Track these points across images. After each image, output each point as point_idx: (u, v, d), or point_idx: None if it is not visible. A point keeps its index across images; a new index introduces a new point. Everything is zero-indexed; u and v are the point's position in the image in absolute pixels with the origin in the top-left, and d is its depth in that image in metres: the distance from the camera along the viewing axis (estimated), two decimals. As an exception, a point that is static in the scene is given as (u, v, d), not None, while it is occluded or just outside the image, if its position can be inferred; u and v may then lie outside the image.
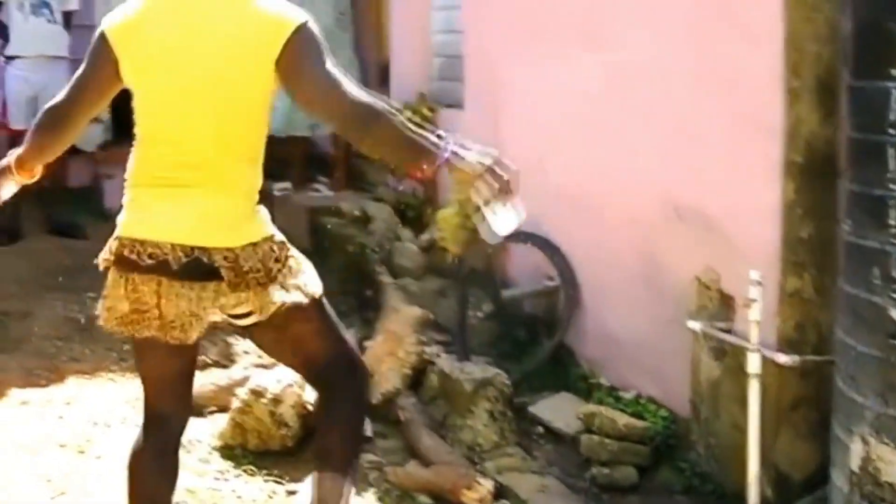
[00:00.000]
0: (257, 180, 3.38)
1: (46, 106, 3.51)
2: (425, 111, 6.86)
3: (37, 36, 8.49)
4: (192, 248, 3.17)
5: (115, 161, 9.85)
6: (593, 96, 5.13)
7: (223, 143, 3.25)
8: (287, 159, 8.78)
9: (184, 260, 3.16)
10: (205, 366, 5.71)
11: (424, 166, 3.13)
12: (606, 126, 5.04)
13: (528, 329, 5.68)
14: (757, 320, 3.83)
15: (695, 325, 4.25)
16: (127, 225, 3.26)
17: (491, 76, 6.05)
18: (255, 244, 3.26)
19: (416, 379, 5.23)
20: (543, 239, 5.47)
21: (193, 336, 3.20)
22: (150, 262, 3.17)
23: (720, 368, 4.25)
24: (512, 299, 5.73)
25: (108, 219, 9.12)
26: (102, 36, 3.32)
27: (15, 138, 8.50)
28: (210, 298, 3.21)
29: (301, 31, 3.22)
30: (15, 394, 5.44)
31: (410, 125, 3.19)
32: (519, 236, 5.69)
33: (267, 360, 5.45)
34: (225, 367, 5.64)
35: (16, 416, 5.22)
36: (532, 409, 5.06)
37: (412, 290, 6.14)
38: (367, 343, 5.55)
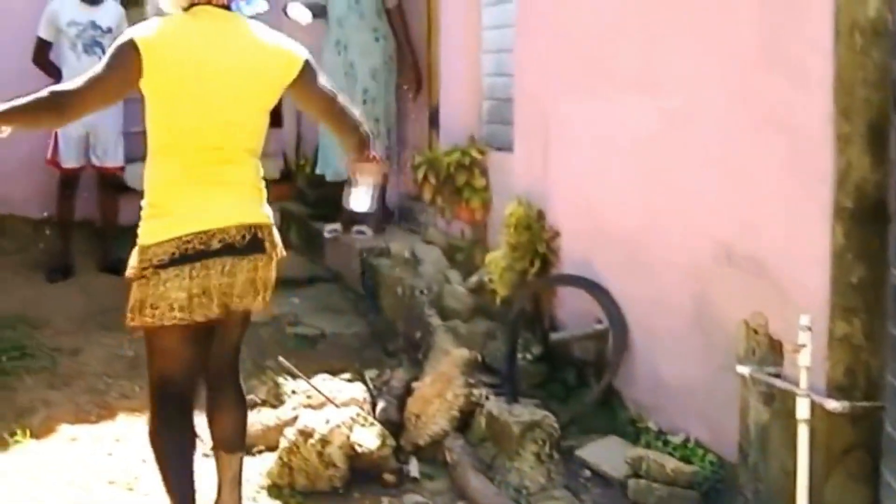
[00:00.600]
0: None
1: (58, 89, 3.91)
2: (475, 154, 6.90)
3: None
4: (250, 227, 3.96)
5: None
6: (644, 140, 5.15)
7: (249, 144, 4.07)
8: (337, 202, 8.84)
9: (247, 238, 3.94)
10: (253, 405, 5.75)
11: (367, 153, 4.36)
12: (657, 170, 5.06)
13: (576, 372, 5.68)
14: (807, 365, 3.83)
15: (744, 370, 4.25)
16: (184, 222, 3.85)
17: (541, 119, 6.07)
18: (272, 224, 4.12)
19: (465, 421, 5.24)
20: (592, 282, 5.47)
21: (256, 302, 4.06)
22: (219, 246, 3.86)
23: (769, 413, 4.24)
24: (561, 342, 5.73)
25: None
26: (134, 47, 3.82)
27: (67, 177, 8.63)
28: (256, 269, 4.01)
29: (308, 62, 4.21)
30: (65, 430, 5.50)
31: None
32: (568, 279, 5.72)
33: (316, 400, 5.49)
34: (274, 406, 5.67)
35: (66, 452, 5.29)
36: (580, 452, 5.05)
37: (461, 332, 6.15)
38: (416, 384, 5.57)
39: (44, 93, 3.85)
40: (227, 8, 4.01)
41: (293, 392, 5.71)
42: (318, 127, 8.70)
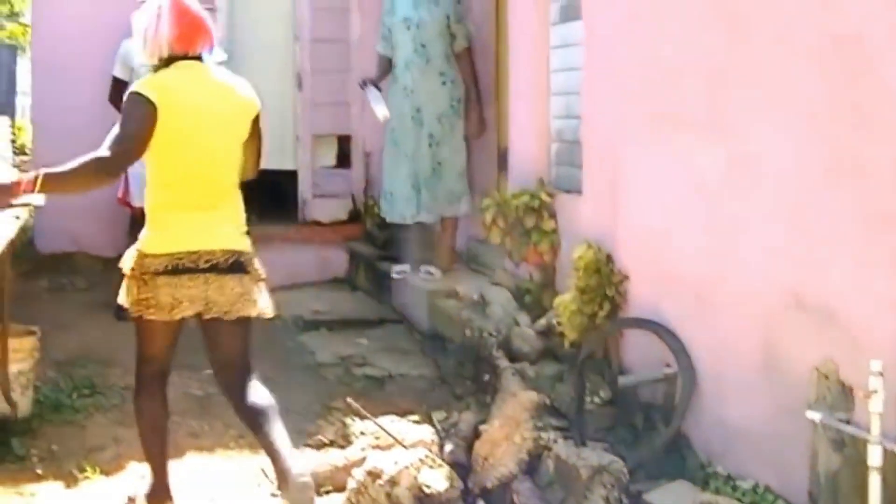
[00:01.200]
0: None
1: (103, 155, 4.52)
2: (544, 196, 6.92)
3: None
4: (234, 252, 4.77)
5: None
6: (712, 184, 5.16)
7: (233, 177, 4.89)
8: (406, 243, 8.91)
9: (230, 261, 4.74)
10: (321, 445, 5.82)
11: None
12: (727, 214, 5.07)
13: (644, 416, 5.67)
14: (878, 412, 3.82)
15: (814, 416, 4.24)
16: (178, 241, 4.67)
17: (609, 162, 6.10)
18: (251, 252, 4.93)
19: (533, 464, 5.24)
20: (661, 326, 5.48)
21: (254, 311, 4.93)
22: (206, 265, 4.67)
23: (840, 460, 4.23)
24: (629, 386, 5.73)
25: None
26: (149, 100, 4.55)
27: (137, 216, 8.75)
28: (242, 285, 4.82)
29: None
30: (135, 468, 5.56)
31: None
32: (637, 322, 5.73)
33: (384, 441, 5.53)
34: (342, 447, 5.72)
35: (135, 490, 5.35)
36: (648, 496, 5.03)
37: (529, 375, 6.17)
38: (484, 427, 5.59)
39: (89, 160, 4.49)
40: (199, 59, 4.79)
41: (361, 433, 5.76)
42: (384, 169, 8.79)
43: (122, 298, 4.82)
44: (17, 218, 5.98)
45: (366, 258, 9.77)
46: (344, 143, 10.62)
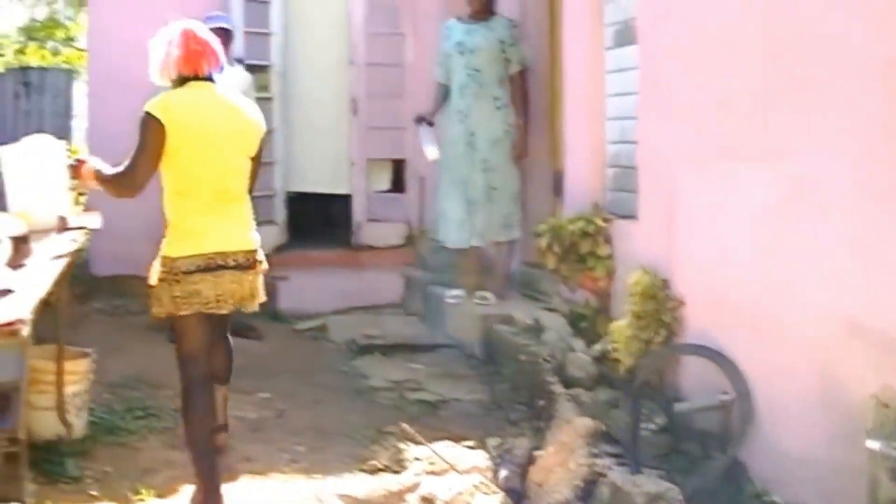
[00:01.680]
0: None
1: (127, 171, 5.20)
2: (599, 222, 6.93)
3: None
4: (249, 251, 5.41)
5: (289, 263, 10.21)
6: (769, 209, 5.17)
7: (245, 186, 5.48)
8: (460, 268, 8.93)
9: (248, 259, 5.39)
10: (375, 470, 5.85)
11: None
12: (782, 239, 5.07)
13: (700, 443, 5.66)
14: (937, 441, 3.81)
15: (873, 445, 4.23)
16: (214, 243, 5.27)
17: (665, 187, 6.10)
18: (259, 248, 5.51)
19: (587, 491, 5.23)
20: (717, 352, 5.48)
21: (255, 304, 5.53)
22: (232, 263, 5.31)
23: (899, 489, 4.21)
24: (684, 413, 5.72)
25: (281, 320, 9.39)
26: (158, 119, 5.14)
27: None
28: (253, 280, 5.47)
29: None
30: (187, 490, 5.59)
31: None
32: (693, 348, 5.72)
33: (438, 466, 5.55)
34: (396, 472, 5.74)
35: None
36: (704, 525, 5.05)
37: (584, 401, 6.17)
38: (538, 453, 5.60)
39: (118, 173, 5.27)
40: (209, 79, 5.38)
41: (415, 458, 5.78)
42: (438, 193, 8.83)
43: (155, 308, 5.33)
44: (74, 241, 6.07)
45: (420, 283, 9.80)
46: (398, 167, 10.68)
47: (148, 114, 5.16)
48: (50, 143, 6.43)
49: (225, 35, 9.07)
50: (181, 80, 5.33)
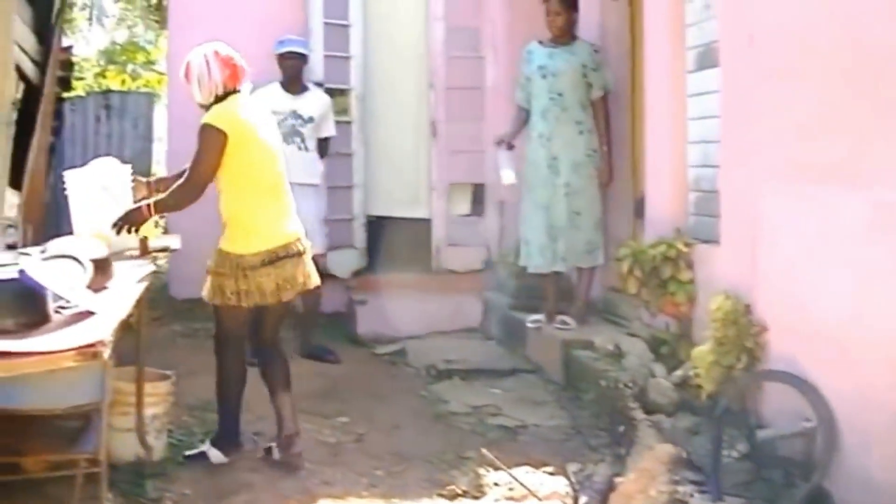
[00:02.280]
0: None
1: (201, 180, 6.03)
2: (681, 246, 6.92)
3: (288, 164, 8.88)
4: (298, 238, 6.23)
5: (368, 288, 10.28)
6: (855, 234, 5.15)
7: (285, 179, 6.32)
8: (541, 293, 8.96)
9: (299, 246, 6.21)
10: (454, 496, 5.89)
11: None
12: (869, 264, 5.05)
13: (783, 471, 5.63)
14: None
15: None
16: (276, 237, 6.13)
17: (748, 212, 6.09)
18: None
19: (668, 518, 5.26)
20: (801, 379, 5.46)
21: (312, 284, 6.36)
22: (294, 251, 6.17)
23: None
24: (767, 440, 5.70)
25: (360, 344, 9.47)
26: (221, 131, 5.96)
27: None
28: (305, 265, 6.27)
29: None
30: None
31: None
32: (776, 375, 5.71)
33: (518, 492, 5.59)
34: (475, 498, 5.79)
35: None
36: (787, 554, 5.03)
37: (665, 427, 6.17)
38: (619, 480, 5.61)
39: (180, 187, 6.10)
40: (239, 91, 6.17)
41: (495, 484, 5.82)
42: (520, 217, 8.86)
43: (211, 294, 6.18)
44: (153, 264, 6.18)
45: (499, 307, 9.84)
46: (478, 191, 10.73)
47: (211, 126, 5.99)
48: (116, 167, 6.55)
49: (299, 58, 9.20)
50: (224, 95, 6.11)
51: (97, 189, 6.32)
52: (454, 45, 10.66)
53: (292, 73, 9.23)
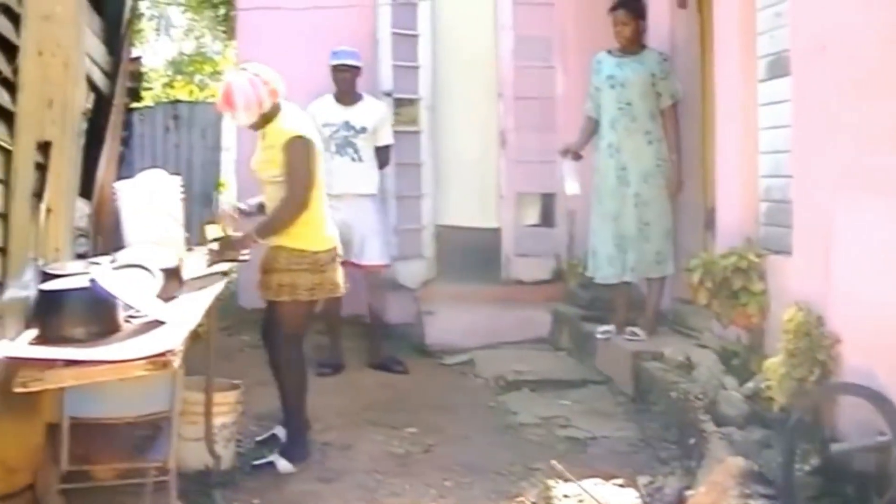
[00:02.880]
0: None
1: (304, 194, 6.49)
2: (752, 257, 6.89)
3: (341, 175, 8.99)
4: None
5: (437, 298, 10.31)
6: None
7: None
8: (611, 304, 8.96)
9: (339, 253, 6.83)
10: (524, 509, 5.91)
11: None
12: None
13: (857, 486, 5.59)
14: None
15: None
16: (331, 238, 6.75)
17: (821, 222, 6.06)
18: None
19: (739, 532, 5.25)
20: (875, 391, 5.43)
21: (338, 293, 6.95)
22: (339, 256, 6.79)
23: None
24: (841, 453, 5.67)
25: (428, 355, 9.51)
26: (308, 139, 6.51)
27: (367, 272, 8.99)
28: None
29: None
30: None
31: None
32: (849, 388, 5.68)
33: (586, 504, 5.59)
34: (544, 510, 5.81)
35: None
36: (860, 569, 5.00)
37: (736, 440, 6.14)
38: (689, 493, 5.61)
39: (286, 206, 6.48)
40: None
41: (564, 496, 5.84)
42: (590, 228, 8.86)
43: (277, 292, 6.62)
44: (224, 274, 6.26)
45: (569, 318, 9.84)
46: (548, 201, 10.74)
47: (299, 136, 6.48)
48: (164, 178, 6.63)
49: (352, 70, 9.26)
50: (273, 110, 6.53)
51: (146, 201, 6.38)
52: (523, 54, 10.69)
53: (345, 85, 9.28)
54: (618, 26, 8.69)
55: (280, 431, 6.94)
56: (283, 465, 6.49)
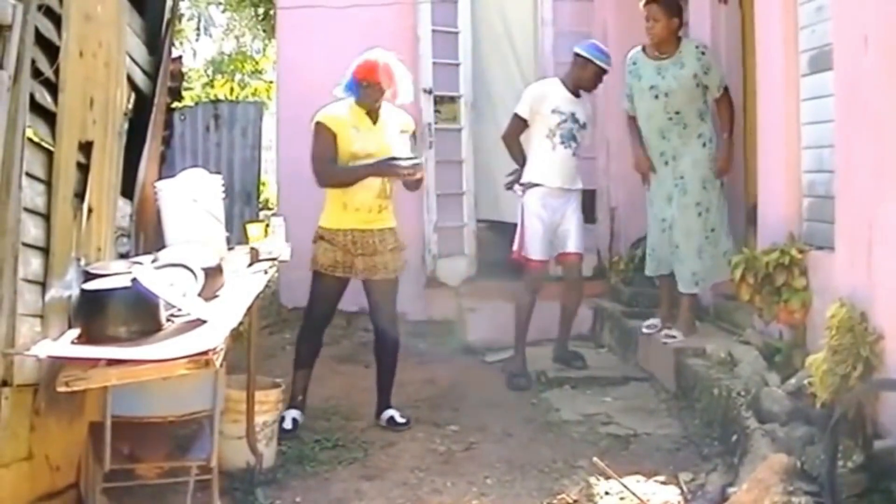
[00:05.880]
0: None
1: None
2: (795, 253, 6.87)
3: (561, 167, 8.90)
4: None
5: (478, 295, 10.33)
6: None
7: None
8: (654, 300, 8.96)
9: None
10: (566, 505, 5.92)
11: None
12: None
13: (901, 482, 5.60)
14: None
15: None
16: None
17: (865, 218, 6.03)
18: None
19: (782, 529, 5.24)
20: (919, 387, 5.43)
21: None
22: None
23: None
24: (885, 450, 5.66)
25: (470, 352, 9.53)
26: (326, 126, 7.18)
27: (535, 270, 8.98)
28: None
29: None
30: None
31: None
32: (893, 384, 5.66)
33: (629, 501, 5.62)
34: (587, 507, 5.82)
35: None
36: (903, 566, 4.99)
37: (779, 437, 6.14)
38: (732, 490, 5.61)
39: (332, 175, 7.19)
40: None
41: (606, 493, 5.86)
42: (647, 226, 8.82)
43: (340, 272, 7.27)
44: (265, 272, 6.29)
45: (611, 314, 9.85)
46: (589, 197, 10.73)
47: (321, 123, 7.27)
48: (205, 177, 6.67)
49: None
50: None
51: (187, 200, 6.41)
52: (563, 50, 10.65)
53: (592, 85, 9.20)
54: (649, 22, 8.55)
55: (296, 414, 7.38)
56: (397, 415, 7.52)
